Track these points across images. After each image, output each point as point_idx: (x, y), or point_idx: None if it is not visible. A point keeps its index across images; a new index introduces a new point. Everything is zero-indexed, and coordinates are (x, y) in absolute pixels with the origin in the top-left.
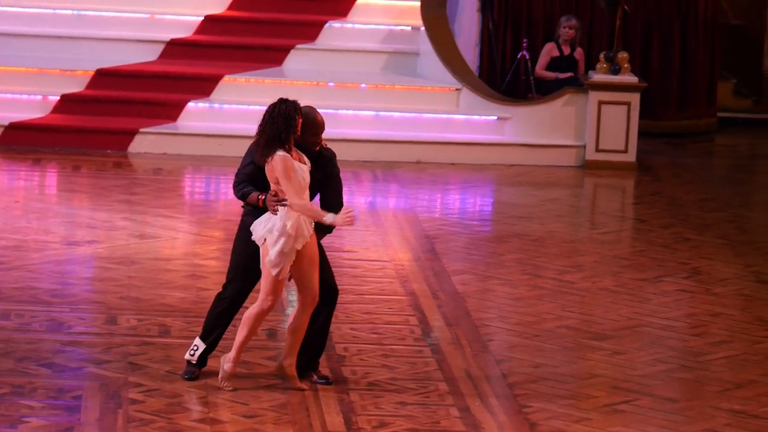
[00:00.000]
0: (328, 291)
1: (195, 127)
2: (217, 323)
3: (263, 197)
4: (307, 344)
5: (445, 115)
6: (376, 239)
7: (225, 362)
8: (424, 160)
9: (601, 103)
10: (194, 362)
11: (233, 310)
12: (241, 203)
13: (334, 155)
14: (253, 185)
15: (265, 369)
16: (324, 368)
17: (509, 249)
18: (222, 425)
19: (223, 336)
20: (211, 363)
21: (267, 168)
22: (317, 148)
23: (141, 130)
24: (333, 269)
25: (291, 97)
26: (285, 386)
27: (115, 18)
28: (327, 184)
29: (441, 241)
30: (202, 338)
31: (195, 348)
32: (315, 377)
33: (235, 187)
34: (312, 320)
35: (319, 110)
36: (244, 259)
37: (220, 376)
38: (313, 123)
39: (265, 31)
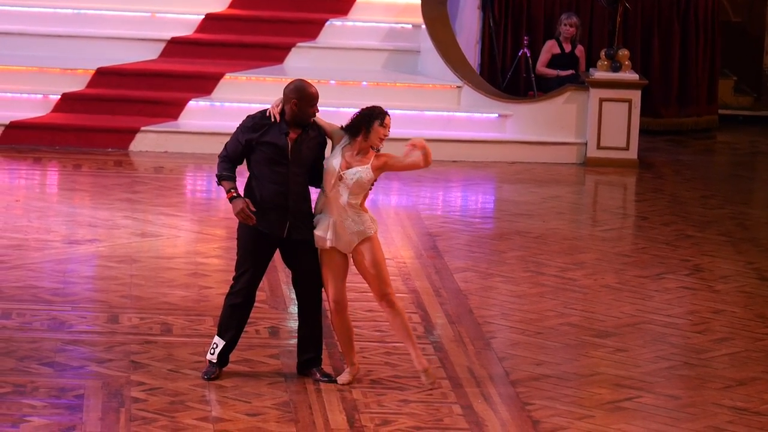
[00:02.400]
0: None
1: (196, 126)
2: (232, 318)
3: (233, 195)
4: (307, 344)
5: (446, 113)
6: (378, 237)
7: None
8: None
9: (602, 100)
10: (215, 361)
11: (247, 303)
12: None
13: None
14: (233, 167)
15: (267, 367)
16: (326, 366)
17: (511, 246)
18: (224, 423)
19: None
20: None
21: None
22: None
23: (142, 128)
24: None
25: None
26: (288, 384)
27: (116, 17)
28: (319, 151)
29: (443, 239)
30: (220, 335)
31: (215, 346)
32: (318, 375)
33: (223, 161)
34: (307, 320)
35: (320, 108)
36: (249, 251)
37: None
38: (309, 95)
39: (266, 30)
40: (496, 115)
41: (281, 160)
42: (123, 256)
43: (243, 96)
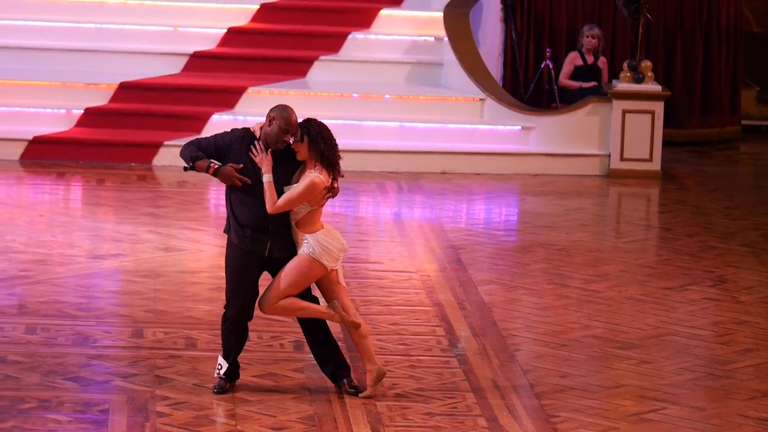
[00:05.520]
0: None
1: None
2: (230, 343)
3: (217, 166)
4: (323, 358)
5: (469, 126)
6: (401, 250)
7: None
8: (449, 170)
9: (625, 111)
10: (223, 377)
11: (241, 329)
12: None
13: None
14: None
15: (292, 381)
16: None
17: (535, 258)
18: None
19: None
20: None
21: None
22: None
23: (165, 142)
24: (359, 280)
25: (316, 109)
26: (312, 398)
27: (138, 31)
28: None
29: (467, 252)
30: (224, 357)
31: (219, 366)
32: (346, 386)
33: (185, 147)
34: (313, 336)
35: (343, 121)
36: (238, 274)
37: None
38: (287, 119)
39: (289, 43)
40: (519, 127)
41: (256, 180)
42: (147, 270)
43: (266, 110)
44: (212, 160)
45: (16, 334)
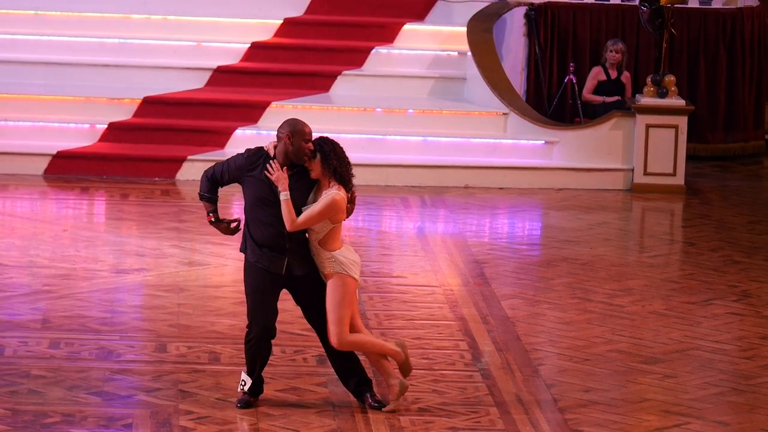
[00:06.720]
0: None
1: None
2: (254, 361)
3: (211, 220)
4: (345, 374)
5: (492, 140)
6: (425, 264)
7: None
8: (472, 184)
9: (648, 126)
10: (247, 392)
11: (265, 347)
12: None
13: None
14: (215, 188)
15: (315, 395)
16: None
17: (558, 273)
18: None
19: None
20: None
21: (315, 177)
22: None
23: (189, 157)
24: (382, 295)
25: (339, 123)
26: (336, 412)
27: (162, 46)
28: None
29: (490, 266)
30: (248, 374)
31: (243, 383)
32: (370, 400)
33: (202, 177)
34: (332, 352)
35: (366, 136)
36: (256, 297)
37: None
38: (302, 131)
39: (312, 58)
40: (543, 141)
41: (272, 199)
42: (170, 285)
43: None
44: (212, 210)
45: (40, 349)
